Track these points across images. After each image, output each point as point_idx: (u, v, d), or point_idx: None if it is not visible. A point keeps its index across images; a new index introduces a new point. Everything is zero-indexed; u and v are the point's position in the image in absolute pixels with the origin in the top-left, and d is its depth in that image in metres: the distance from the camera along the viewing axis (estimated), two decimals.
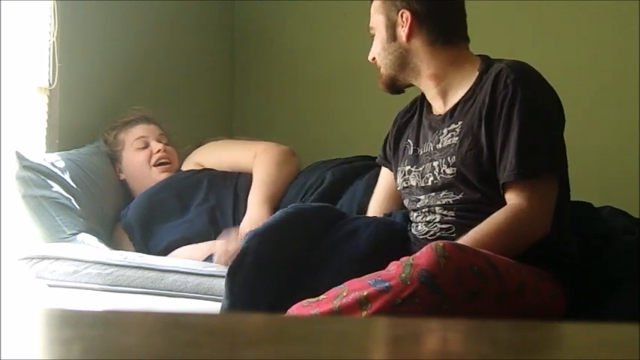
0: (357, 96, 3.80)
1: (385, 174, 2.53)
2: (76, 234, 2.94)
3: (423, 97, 2.39)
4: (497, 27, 2.35)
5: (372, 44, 2.38)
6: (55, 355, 0.72)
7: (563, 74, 2.32)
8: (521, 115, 2.14)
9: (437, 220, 2.25)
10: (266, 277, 2.16)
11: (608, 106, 3.43)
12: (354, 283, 1.98)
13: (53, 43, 3.16)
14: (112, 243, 3.06)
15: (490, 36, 2.34)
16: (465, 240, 2.08)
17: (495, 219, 2.12)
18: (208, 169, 3.18)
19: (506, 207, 2.14)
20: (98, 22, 3.36)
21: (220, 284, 2.33)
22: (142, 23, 3.57)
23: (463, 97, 2.26)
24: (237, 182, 3.09)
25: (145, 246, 3.02)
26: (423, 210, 2.29)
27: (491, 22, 2.34)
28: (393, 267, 1.97)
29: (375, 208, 2.51)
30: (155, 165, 3.19)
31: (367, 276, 1.99)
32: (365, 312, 1.90)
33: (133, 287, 2.68)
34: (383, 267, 2.02)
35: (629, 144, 3.36)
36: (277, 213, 2.32)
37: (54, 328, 0.84)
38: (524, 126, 2.14)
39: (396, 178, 2.41)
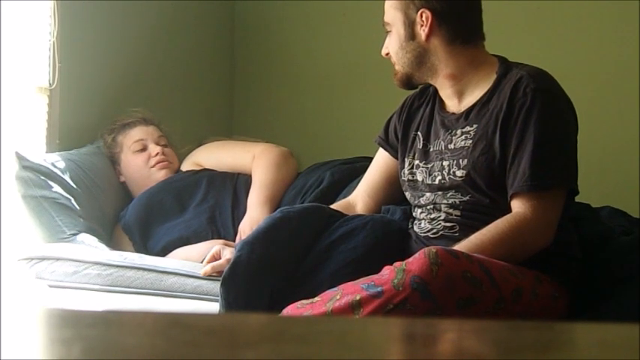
0: (357, 96, 3.80)
1: (384, 158, 2.48)
2: (76, 234, 2.94)
3: (435, 89, 2.36)
4: (497, 27, 2.34)
5: (385, 39, 2.35)
6: (55, 355, 0.72)
7: (563, 74, 2.31)
8: (537, 126, 2.13)
9: (442, 218, 2.24)
10: (260, 284, 2.16)
11: (608, 106, 3.43)
12: (348, 286, 1.98)
13: (53, 43, 3.15)
14: (112, 243, 3.05)
15: (489, 36, 2.33)
16: (466, 244, 2.08)
17: (499, 226, 2.11)
18: (207, 169, 3.18)
19: (511, 215, 2.13)
20: (98, 22, 3.36)
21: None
22: (141, 23, 3.57)
23: (480, 99, 2.24)
24: (237, 182, 3.09)
25: (143, 246, 3.02)
26: (428, 207, 2.28)
27: (490, 22, 2.33)
28: (387, 271, 1.97)
29: (369, 192, 2.48)
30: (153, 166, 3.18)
31: (361, 280, 1.99)
32: (357, 316, 1.89)
33: (133, 288, 2.67)
34: (380, 268, 2.02)
35: (629, 144, 3.36)
36: (264, 219, 2.32)
37: (54, 328, 0.84)
38: (540, 137, 2.13)
39: (400, 168, 2.39)
